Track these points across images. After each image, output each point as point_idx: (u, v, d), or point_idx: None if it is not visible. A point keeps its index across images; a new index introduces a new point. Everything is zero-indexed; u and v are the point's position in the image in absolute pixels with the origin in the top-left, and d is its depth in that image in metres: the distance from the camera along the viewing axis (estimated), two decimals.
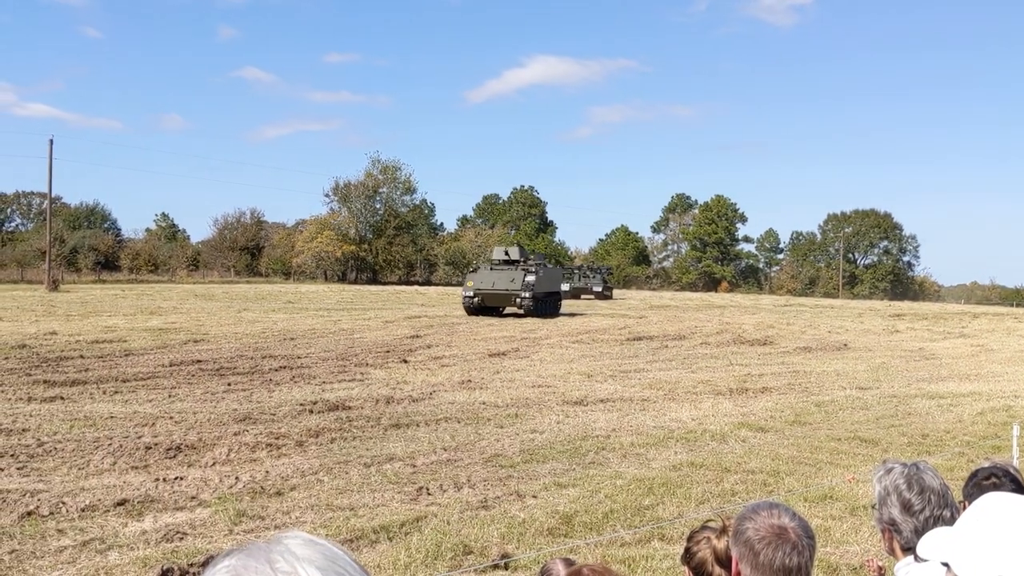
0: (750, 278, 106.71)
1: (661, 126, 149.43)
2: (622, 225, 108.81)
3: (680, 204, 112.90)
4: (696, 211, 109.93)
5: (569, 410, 12.35)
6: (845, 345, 23.65)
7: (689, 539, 2.90)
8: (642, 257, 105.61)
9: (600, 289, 55.66)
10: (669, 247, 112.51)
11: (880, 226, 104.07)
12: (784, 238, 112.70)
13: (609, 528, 6.77)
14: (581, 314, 37.47)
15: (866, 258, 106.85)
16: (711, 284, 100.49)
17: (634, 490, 7.87)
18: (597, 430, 10.86)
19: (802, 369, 17.93)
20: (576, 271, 58.75)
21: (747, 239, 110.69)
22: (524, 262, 35.18)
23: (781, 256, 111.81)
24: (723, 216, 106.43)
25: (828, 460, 9.50)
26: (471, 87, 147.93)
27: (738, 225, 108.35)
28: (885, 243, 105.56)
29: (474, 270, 35.41)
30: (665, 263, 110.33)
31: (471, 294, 33.23)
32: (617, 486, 8.02)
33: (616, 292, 71.30)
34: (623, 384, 15.16)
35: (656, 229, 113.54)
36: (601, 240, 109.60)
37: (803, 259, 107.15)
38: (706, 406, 12.97)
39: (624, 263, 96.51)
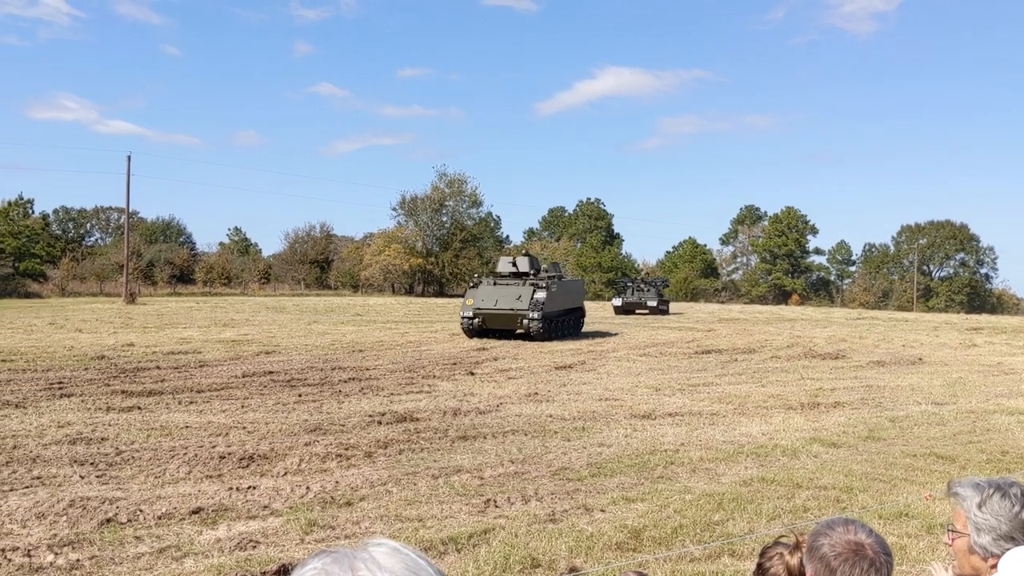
0: (821, 291, 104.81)
1: (734, 137, 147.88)
2: (689, 237, 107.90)
3: (749, 216, 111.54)
4: (766, 223, 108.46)
5: (637, 424, 12.26)
6: (920, 359, 23.08)
7: (761, 555, 2.86)
8: (710, 270, 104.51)
9: (655, 303, 50.19)
10: (738, 259, 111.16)
11: (956, 237, 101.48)
12: (856, 250, 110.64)
13: (678, 543, 6.70)
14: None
15: (942, 270, 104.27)
16: (781, 297, 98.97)
17: (703, 505, 7.78)
18: (665, 444, 10.76)
19: (875, 383, 17.53)
20: (629, 284, 53.47)
21: (818, 251, 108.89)
22: (535, 275, 29.52)
23: (853, 268, 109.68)
24: (793, 228, 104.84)
25: (903, 477, 9.27)
26: (542, 99, 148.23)
27: (809, 237, 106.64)
28: (961, 255, 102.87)
29: (475, 285, 29.18)
30: (734, 276, 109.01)
31: (470, 314, 27.50)
32: (686, 501, 7.93)
33: (682, 305, 70.46)
34: (692, 398, 15.01)
35: (725, 241, 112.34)
36: (668, 252, 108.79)
37: (876, 271, 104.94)
38: (777, 420, 12.77)
39: (692, 276, 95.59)
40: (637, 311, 50.16)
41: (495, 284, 28.63)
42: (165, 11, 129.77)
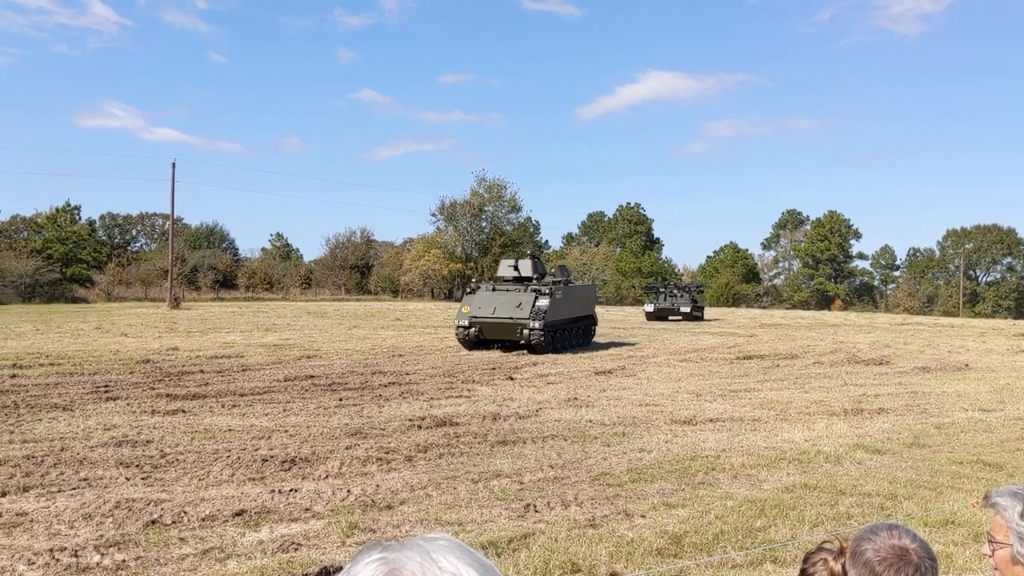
0: (865, 296, 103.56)
1: (776, 140, 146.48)
2: (731, 242, 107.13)
3: (791, 220, 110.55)
4: (808, 227, 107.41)
5: (677, 429, 12.19)
6: (966, 365, 22.71)
7: (805, 560, 2.82)
8: (751, 275, 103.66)
9: (688, 309, 48.16)
10: (780, 264, 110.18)
11: (1003, 242, 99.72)
12: (900, 255, 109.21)
13: (720, 549, 6.64)
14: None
15: (988, 275, 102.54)
16: (824, 302, 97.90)
17: (745, 511, 7.71)
18: (707, 450, 10.69)
19: (920, 390, 17.28)
20: (662, 289, 51.46)
21: (861, 256, 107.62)
22: (538, 279, 26.90)
23: (897, 273, 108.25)
24: (836, 232, 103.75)
25: (949, 484, 9.12)
26: (583, 104, 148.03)
27: (852, 242, 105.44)
28: (1009, 259, 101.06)
29: (472, 291, 26.68)
30: (776, 281, 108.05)
31: (465, 323, 24.81)
32: (728, 507, 7.87)
33: (723, 310, 69.91)
34: (733, 403, 14.89)
35: (766, 246, 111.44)
36: (709, 257, 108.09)
37: (921, 276, 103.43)
38: (820, 427, 12.62)
39: (733, 281, 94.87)
40: (670, 317, 48.55)
41: (494, 290, 26.00)
42: (212, 19, 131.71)
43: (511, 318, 24.60)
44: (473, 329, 24.72)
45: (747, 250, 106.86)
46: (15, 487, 8.19)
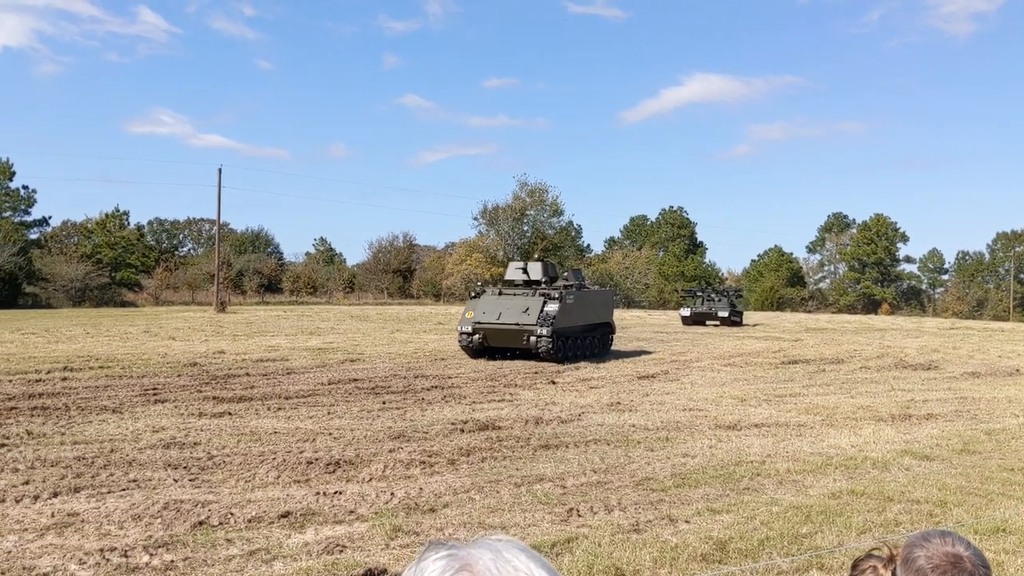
0: (912, 300, 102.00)
1: (823, 143, 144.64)
2: (775, 245, 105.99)
3: (837, 223, 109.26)
4: (854, 231, 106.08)
5: (722, 434, 12.10)
6: (1017, 370, 22.27)
7: (853, 567, 2.78)
8: (796, 278, 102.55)
9: (726, 314, 46.28)
10: (825, 268, 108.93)
11: None
12: (949, 258, 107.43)
13: (765, 555, 6.58)
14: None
15: None
16: (870, 306, 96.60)
17: (791, 517, 7.63)
18: (751, 455, 10.59)
19: (970, 395, 16.97)
20: (699, 293, 49.66)
21: (909, 259, 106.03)
22: (548, 283, 24.96)
23: (946, 277, 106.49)
24: (883, 236, 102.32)
25: (1000, 491, 8.94)
26: (627, 107, 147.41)
27: (899, 245, 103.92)
28: None
29: (476, 295, 24.60)
30: (821, 284, 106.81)
31: (468, 329, 23.07)
32: (773, 513, 7.79)
33: (768, 315, 69.21)
34: (778, 408, 14.75)
35: (812, 249, 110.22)
36: (753, 261, 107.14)
37: (970, 280, 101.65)
38: (866, 432, 12.45)
39: (778, 285, 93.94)
40: (708, 322, 47.02)
41: (500, 294, 24.19)
42: (259, 26, 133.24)
43: (517, 324, 22.74)
44: (477, 336, 23.05)
45: (792, 254, 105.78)
46: (67, 488, 8.34)
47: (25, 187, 67.23)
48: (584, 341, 24.66)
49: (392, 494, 8.33)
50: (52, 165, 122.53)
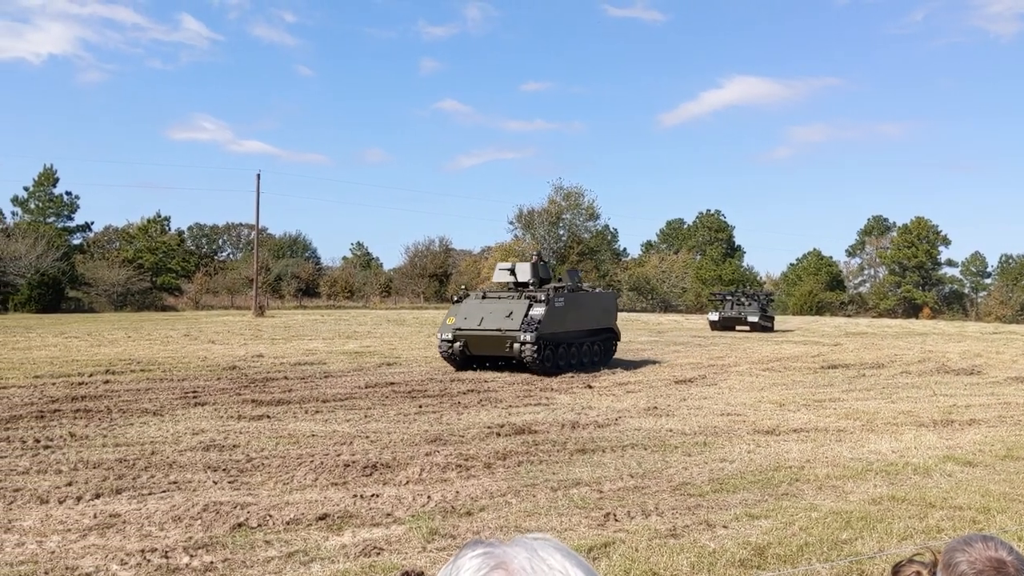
0: (954, 304, 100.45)
1: (864, 146, 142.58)
2: (814, 249, 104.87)
3: (877, 227, 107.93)
4: (894, 234, 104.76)
5: (760, 439, 11.99)
6: None
7: (894, 573, 2.75)
8: (836, 282, 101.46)
9: (756, 319, 43.98)
10: (865, 272, 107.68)
11: None
12: (992, 261, 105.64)
13: (804, 561, 6.51)
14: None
15: None
16: (911, 310, 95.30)
17: (830, 523, 7.54)
18: (790, 460, 10.49)
19: (1014, 400, 16.68)
20: (728, 297, 47.64)
21: (951, 263, 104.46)
22: (537, 285, 22.75)
23: (989, 281, 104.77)
24: (924, 239, 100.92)
25: None
26: (666, 110, 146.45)
27: (940, 248, 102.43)
28: None
29: (459, 299, 22.50)
30: (861, 288, 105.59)
31: (449, 337, 21.03)
32: (812, 518, 7.71)
33: (807, 319, 68.47)
34: (817, 414, 14.59)
35: (851, 253, 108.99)
36: (792, 265, 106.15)
37: (1014, 284, 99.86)
38: (908, 438, 12.29)
39: (816, 289, 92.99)
40: (737, 327, 44.76)
41: (484, 298, 22.14)
42: (300, 33, 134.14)
43: (499, 330, 20.54)
44: (458, 343, 20.98)
45: (831, 257, 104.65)
46: (108, 489, 8.46)
47: (68, 193, 68.35)
48: (581, 349, 22.49)
49: (429, 497, 8.35)
50: (95, 171, 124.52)
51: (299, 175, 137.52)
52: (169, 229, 78.18)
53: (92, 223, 72.13)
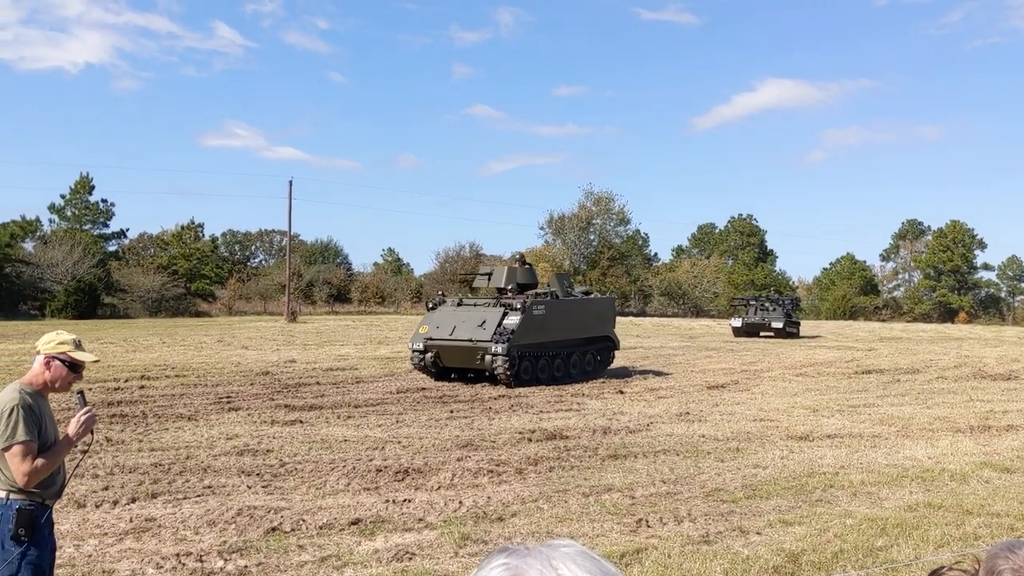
0: (991, 308, 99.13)
1: (900, 148, 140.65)
2: (848, 253, 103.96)
3: (912, 230, 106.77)
4: (929, 237, 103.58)
5: (793, 445, 11.90)
6: None
7: None
8: (870, 287, 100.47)
9: (780, 325, 41.83)
10: (900, 276, 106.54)
11: None
12: None
13: (839, 568, 6.45)
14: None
15: None
16: (947, 315, 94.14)
17: (865, 530, 7.47)
18: (824, 467, 10.40)
19: None
20: (752, 302, 45.56)
21: (987, 267, 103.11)
22: (517, 291, 21.19)
23: None
24: (959, 243, 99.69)
25: None
26: (698, 114, 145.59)
27: (976, 252, 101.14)
28: None
29: (433, 307, 21.02)
30: (895, 293, 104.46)
31: (420, 347, 19.61)
32: (847, 525, 7.64)
33: (840, 324, 67.83)
34: (851, 419, 14.45)
35: (885, 257, 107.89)
36: (825, 269, 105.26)
37: None
38: (944, 444, 12.14)
39: (850, 293, 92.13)
40: (761, 333, 42.93)
41: (459, 305, 20.60)
42: (332, 39, 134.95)
43: (471, 340, 19.04)
44: (429, 354, 19.54)
45: (865, 261, 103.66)
46: (144, 493, 8.55)
47: (104, 201, 69.31)
48: (569, 359, 20.80)
49: (460, 502, 8.36)
50: (130, 179, 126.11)
51: (331, 181, 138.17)
52: (203, 236, 78.91)
53: (127, 230, 73.19)
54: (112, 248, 70.20)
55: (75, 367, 4.24)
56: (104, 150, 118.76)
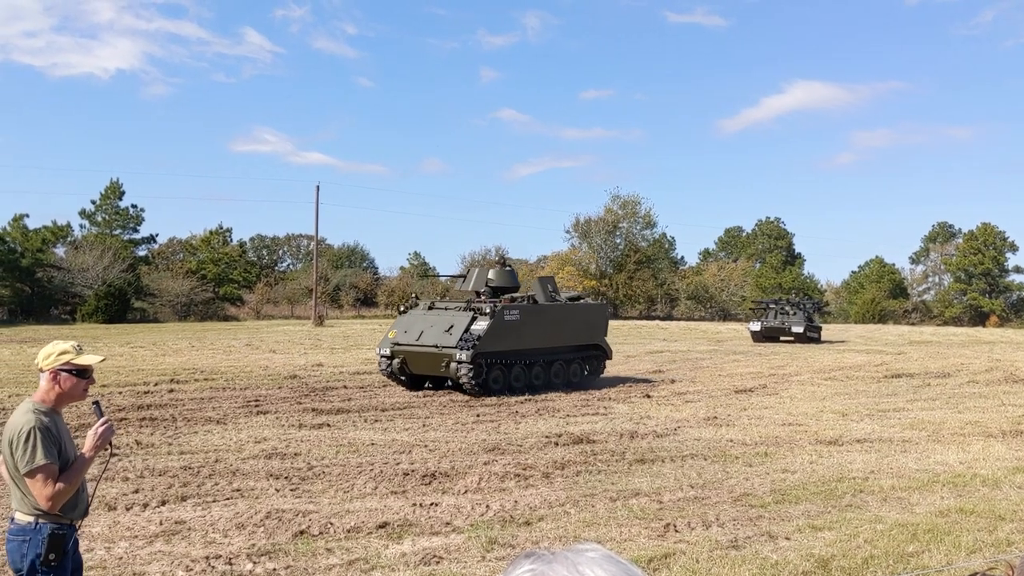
0: (1023, 312, 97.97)
1: (932, 150, 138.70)
2: (876, 256, 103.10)
3: (942, 233, 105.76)
4: (959, 240, 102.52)
5: (823, 450, 11.80)
6: None
7: None
8: (899, 290, 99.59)
9: (801, 330, 39.59)
10: (929, 279, 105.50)
11: None
12: None
13: (869, 574, 6.39)
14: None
15: None
16: (978, 318, 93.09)
17: (896, 536, 7.39)
18: (854, 471, 10.31)
19: None
20: (772, 306, 43.17)
21: (1019, 270, 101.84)
22: (489, 295, 19.81)
23: None
24: (990, 245, 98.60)
25: None
26: (726, 116, 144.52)
27: (1008, 255, 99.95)
28: None
29: (404, 309, 20.05)
30: (925, 296, 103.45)
31: (387, 352, 18.48)
32: (877, 531, 7.57)
33: (869, 328, 67.23)
34: (881, 424, 14.32)
35: (915, 260, 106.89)
36: (854, 272, 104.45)
37: None
38: (975, 449, 11.99)
39: (879, 296, 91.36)
40: (781, 338, 40.57)
41: (431, 309, 19.60)
42: (360, 45, 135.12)
43: (436, 347, 17.84)
44: (396, 360, 18.37)
45: (894, 264, 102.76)
46: (174, 496, 8.62)
47: (134, 206, 69.88)
48: (550, 368, 19.48)
49: (487, 506, 8.37)
50: (159, 184, 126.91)
51: (358, 186, 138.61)
52: (231, 240, 79.50)
53: (157, 235, 73.65)
54: (142, 253, 70.77)
55: (83, 373, 4.13)
56: (134, 156, 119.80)
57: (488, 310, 18.03)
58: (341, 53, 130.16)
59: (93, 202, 68.86)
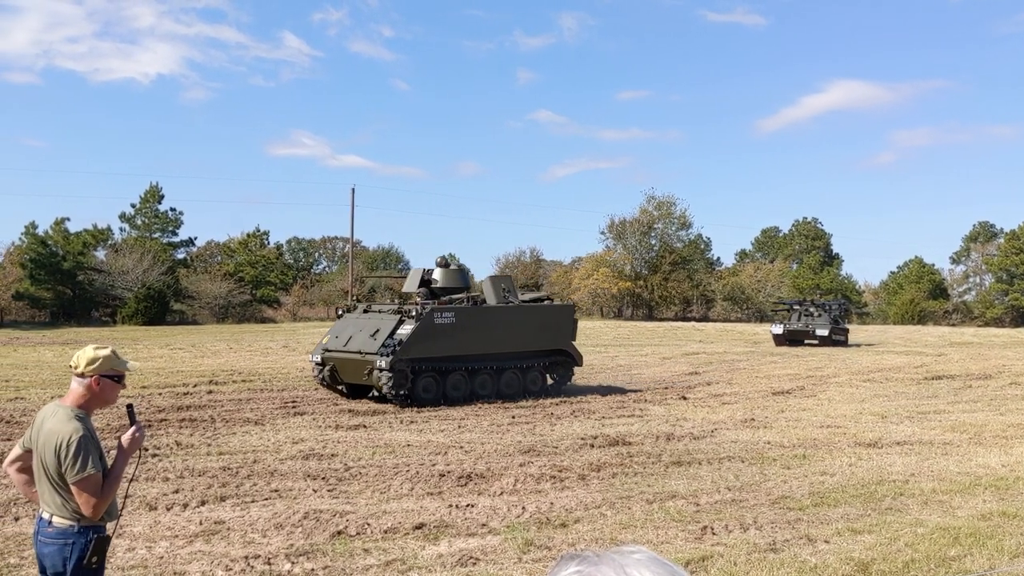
0: None
1: (974, 149, 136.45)
2: (916, 256, 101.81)
3: (983, 232, 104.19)
4: (1001, 240, 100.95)
5: (862, 452, 11.68)
6: None
7: None
8: (939, 291, 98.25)
9: (826, 332, 37.58)
10: (970, 280, 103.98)
11: None
12: None
13: None
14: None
15: None
16: (1020, 319, 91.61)
17: (937, 539, 7.30)
18: (894, 474, 10.19)
19: None
20: (796, 307, 40.78)
21: None
22: (425, 296, 17.98)
23: None
24: None
25: None
26: (764, 116, 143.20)
27: None
28: None
29: (341, 314, 19.07)
30: (966, 297, 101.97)
31: (319, 359, 17.39)
32: (918, 534, 7.47)
33: (908, 329, 66.37)
34: (921, 426, 14.13)
35: (955, 260, 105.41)
36: (892, 273, 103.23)
37: None
38: (1019, 451, 11.80)
39: (919, 297, 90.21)
40: (805, 341, 38.46)
41: (365, 312, 18.26)
42: (397, 47, 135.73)
43: (360, 353, 16.55)
44: (327, 368, 17.25)
45: (934, 265, 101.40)
46: (213, 497, 8.71)
47: (173, 209, 70.69)
48: (500, 377, 17.75)
49: (523, 508, 8.37)
50: (198, 187, 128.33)
51: (394, 188, 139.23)
52: (268, 243, 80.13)
53: (195, 238, 74.45)
54: (180, 256, 71.55)
55: (122, 379, 4.15)
56: (173, 159, 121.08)
57: (414, 313, 16.68)
58: (378, 56, 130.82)
59: (133, 205, 69.75)
